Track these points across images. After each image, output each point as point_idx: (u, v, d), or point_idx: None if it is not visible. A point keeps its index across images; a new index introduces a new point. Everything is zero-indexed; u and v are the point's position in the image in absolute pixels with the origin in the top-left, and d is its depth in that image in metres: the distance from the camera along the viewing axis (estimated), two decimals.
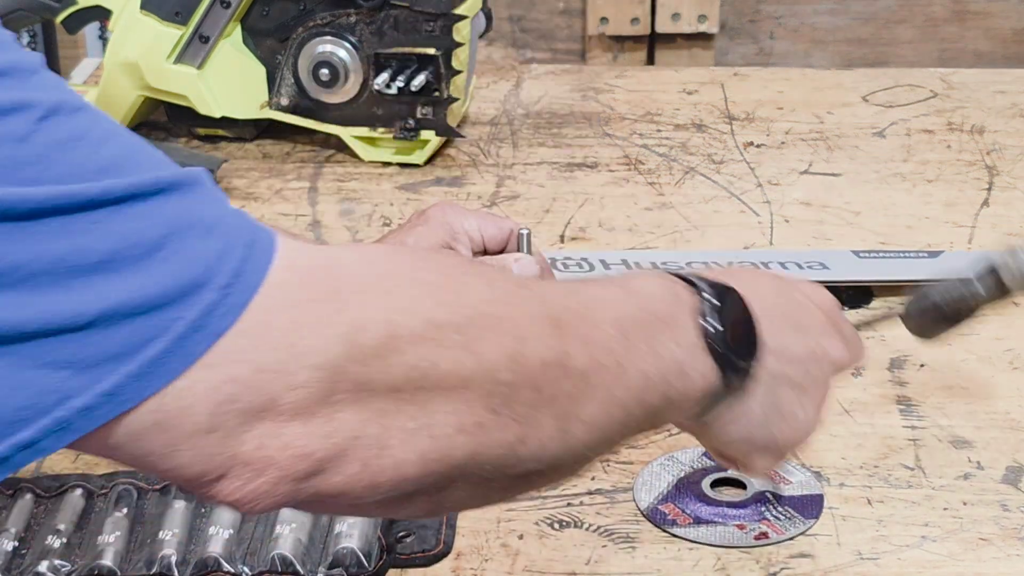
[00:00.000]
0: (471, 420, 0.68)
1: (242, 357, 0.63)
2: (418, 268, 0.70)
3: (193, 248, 0.63)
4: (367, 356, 0.65)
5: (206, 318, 0.62)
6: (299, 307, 0.64)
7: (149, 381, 0.62)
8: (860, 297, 1.27)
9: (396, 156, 1.55)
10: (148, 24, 1.53)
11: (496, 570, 0.94)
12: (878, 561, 0.95)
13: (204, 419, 0.63)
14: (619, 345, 0.74)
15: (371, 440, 0.66)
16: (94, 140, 0.63)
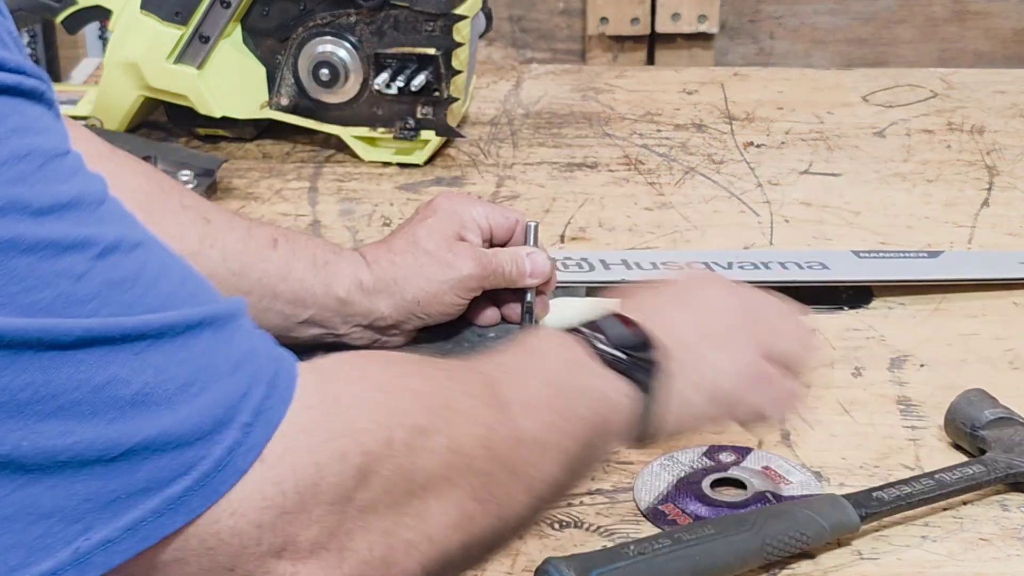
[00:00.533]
0: (461, 514, 0.72)
1: (267, 503, 0.64)
2: (402, 374, 0.73)
3: (220, 386, 0.64)
4: (373, 482, 0.67)
5: (229, 457, 0.63)
6: (320, 449, 0.66)
7: (171, 518, 0.63)
8: (860, 297, 1.27)
9: (396, 156, 1.55)
10: (148, 24, 1.53)
11: (496, 570, 0.94)
12: (878, 561, 0.95)
13: (227, 559, 0.64)
14: (555, 400, 0.79)
15: (379, 561, 0.68)
16: (148, 279, 0.64)
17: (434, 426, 0.71)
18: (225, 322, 0.66)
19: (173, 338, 0.63)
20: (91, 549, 0.62)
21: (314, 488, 0.65)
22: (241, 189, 1.49)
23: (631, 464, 1.05)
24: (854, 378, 1.15)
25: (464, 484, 0.72)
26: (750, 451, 1.05)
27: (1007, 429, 1.03)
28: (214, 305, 0.66)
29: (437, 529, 0.71)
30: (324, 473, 0.66)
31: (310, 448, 0.66)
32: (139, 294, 0.63)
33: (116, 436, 0.61)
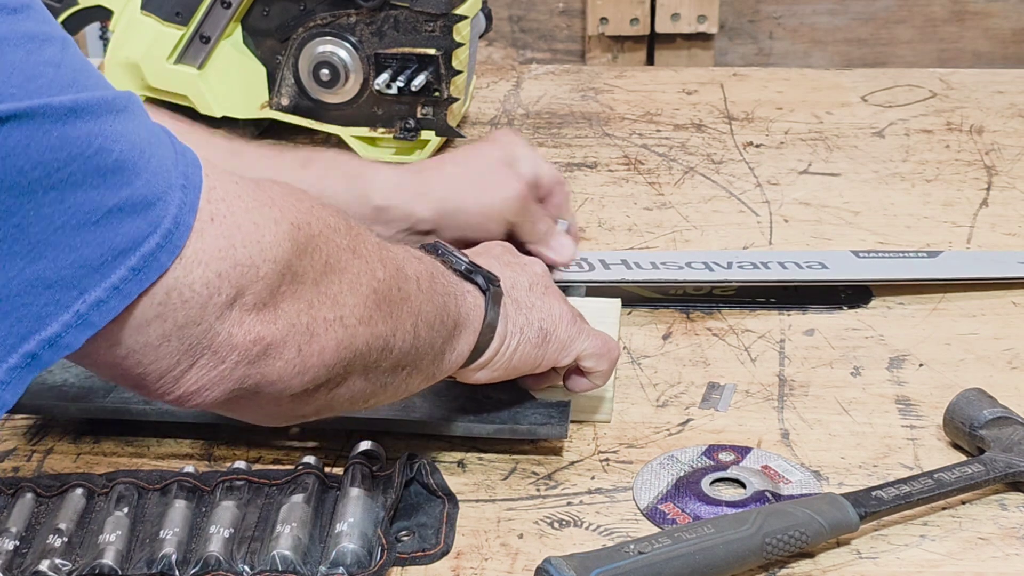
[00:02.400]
0: (366, 313, 0.82)
1: (224, 254, 0.73)
2: (308, 197, 0.82)
3: (160, 152, 0.72)
4: (301, 251, 0.77)
5: (180, 214, 0.71)
6: (254, 211, 0.75)
7: (146, 275, 0.70)
8: (859, 297, 1.27)
9: (396, 156, 1.55)
10: (149, 24, 1.54)
11: (496, 569, 0.95)
12: (877, 560, 0.95)
13: (196, 311, 0.73)
14: (423, 268, 0.90)
15: (304, 327, 0.78)
16: (91, 69, 0.71)
17: (340, 227, 0.82)
18: (137, 102, 0.73)
19: (123, 111, 0.71)
20: (88, 310, 0.69)
21: (258, 243, 0.75)
22: None
23: (631, 464, 1.05)
24: (853, 377, 1.15)
25: (368, 283, 0.83)
26: (750, 450, 1.06)
27: (1006, 428, 1.03)
28: (127, 92, 0.73)
29: (349, 316, 0.81)
30: (262, 231, 0.75)
31: (247, 209, 0.75)
32: (95, 79, 0.71)
33: (98, 199, 0.69)
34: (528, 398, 1.07)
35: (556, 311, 1.02)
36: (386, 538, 0.95)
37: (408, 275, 0.88)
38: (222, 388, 0.77)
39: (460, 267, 0.96)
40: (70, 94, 0.68)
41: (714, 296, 1.27)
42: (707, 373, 1.16)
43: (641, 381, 1.15)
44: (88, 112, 0.68)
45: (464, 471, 1.05)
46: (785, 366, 1.17)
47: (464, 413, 1.05)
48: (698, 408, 1.12)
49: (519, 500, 1.01)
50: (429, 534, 0.97)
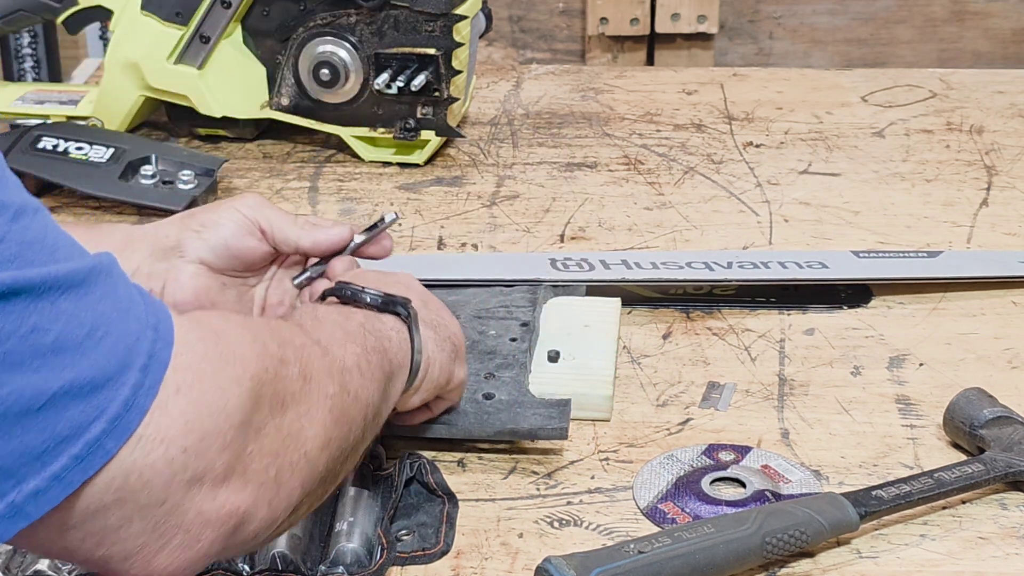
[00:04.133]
0: (326, 436, 0.80)
1: (189, 427, 0.70)
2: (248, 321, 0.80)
3: (118, 330, 0.68)
4: (261, 403, 0.74)
5: (134, 397, 0.68)
6: (218, 373, 0.72)
7: (90, 462, 0.67)
8: (859, 296, 1.27)
9: (396, 156, 1.55)
10: (149, 24, 1.54)
11: (496, 569, 0.95)
12: (877, 560, 0.95)
13: (159, 491, 0.69)
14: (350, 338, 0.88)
15: (272, 480, 0.75)
16: (50, 239, 0.68)
17: (288, 358, 0.78)
18: (108, 272, 0.71)
19: (77, 287, 0.68)
20: (23, 501, 0.66)
21: (223, 411, 0.71)
22: (242, 189, 1.50)
23: (631, 463, 1.05)
24: (853, 377, 1.15)
25: (323, 405, 0.80)
26: (749, 450, 1.06)
27: (1006, 428, 1.03)
28: (96, 257, 0.71)
29: (311, 449, 0.78)
30: (227, 395, 0.72)
31: (212, 374, 0.72)
32: (47, 252, 0.67)
33: (41, 384, 0.65)
34: (528, 397, 1.07)
35: (453, 324, 1.02)
36: (386, 538, 0.95)
37: (350, 367, 0.85)
38: (201, 564, 0.73)
39: (376, 302, 0.94)
40: (9, 271, 0.65)
41: (714, 296, 1.27)
42: (707, 373, 1.16)
43: (641, 380, 1.15)
44: (27, 291, 0.65)
45: (464, 471, 1.05)
46: (785, 366, 1.17)
47: (464, 415, 1.05)
48: (698, 408, 1.12)
49: (519, 499, 1.01)
50: (429, 534, 0.97)
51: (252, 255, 1.04)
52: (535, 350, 1.15)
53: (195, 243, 1.03)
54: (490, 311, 1.19)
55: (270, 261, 1.07)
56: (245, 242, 1.04)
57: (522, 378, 1.09)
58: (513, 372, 1.10)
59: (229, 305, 1.05)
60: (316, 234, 1.05)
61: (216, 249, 1.03)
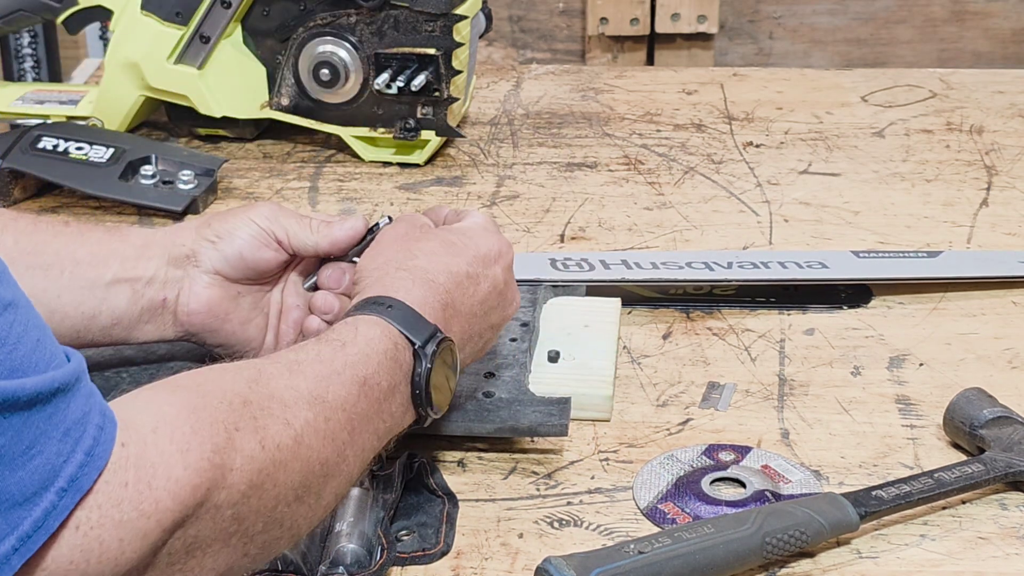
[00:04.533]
0: (227, 567, 0.78)
1: (73, 568, 0.70)
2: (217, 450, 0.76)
3: (50, 449, 0.69)
4: (161, 557, 0.74)
5: (44, 519, 0.69)
6: (128, 527, 0.71)
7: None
8: (859, 296, 1.27)
9: (396, 156, 1.55)
10: (149, 24, 1.54)
11: (496, 569, 0.95)
12: (877, 560, 0.95)
13: None
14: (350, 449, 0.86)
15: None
16: (14, 339, 0.68)
17: (229, 502, 0.76)
18: (70, 387, 0.71)
19: (33, 405, 0.68)
20: None
21: (114, 561, 0.71)
22: (242, 189, 1.50)
23: (631, 463, 1.05)
24: (853, 377, 1.15)
25: (239, 547, 0.78)
26: (750, 450, 1.06)
27: (1006, 428, 1.03)
28: (65, 369, 0.71)
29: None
30: (125, 549, 0.71)
31: (119, 524, 0.71)
32: (7, 352, 0.67)
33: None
34: (528, 396, 1.07)
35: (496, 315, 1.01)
36: (386, 538, 0.95)
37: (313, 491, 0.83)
38: None
39: (421, 403, 0.92)
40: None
41: (714, 296, 1.27)
42: (707, 373, 1.16)
43: (641, 381, 1.15)
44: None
45: (464, 471, 1.05)
46: (785, 366, 1.17)
47: (464, 413, 1.05)
48: (698, 408, 1.12)
49: (519, 500, 1.01)
50: (429, 534, 0.97)
51: (267, 266, 1.05)
52: (535, 350, 1.15)
53: (210, 253, 1.04)
54: None
55: (285, 267, 1.07)
56: (260, 254, 1.04)
57: (522, 378, 1.09)
58: (513, 372, 1.10)
59: (244, 312, 1.05)
60: (333, 233, 1.05)
61: (231, 260, 1.04)
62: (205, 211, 1.44)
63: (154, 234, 1.05)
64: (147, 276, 1.04)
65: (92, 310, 1.02)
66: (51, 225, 1.04)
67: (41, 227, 1.04)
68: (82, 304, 1.02)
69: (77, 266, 1.02)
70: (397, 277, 0.96)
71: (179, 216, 1.42)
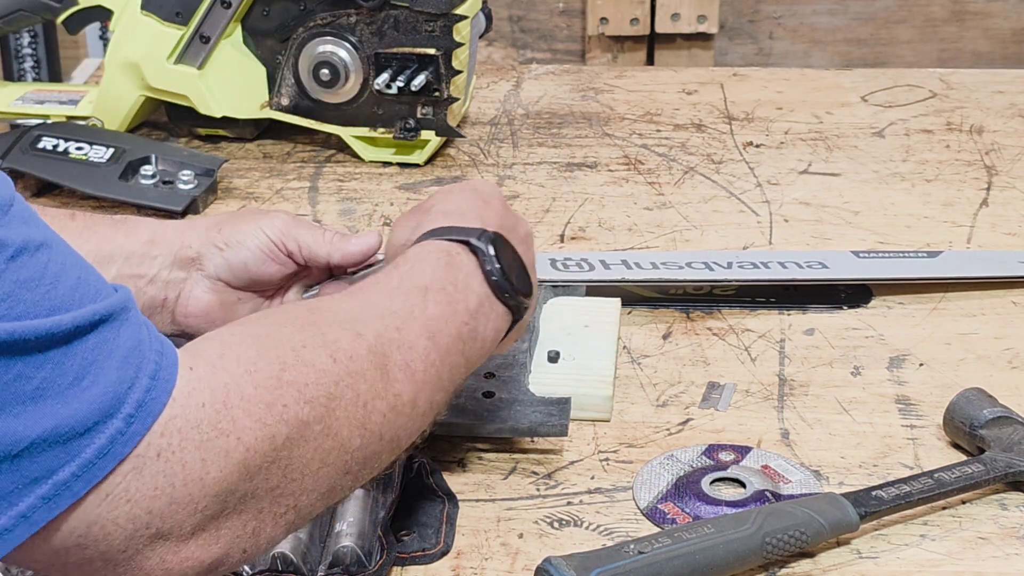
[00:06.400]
0: (330, 487, 0.79)
1: (158, 492, 0.70)
2: (287, 366, 0.77)
3: (107, 378, 0.69)
4: (253, 473, 0.73)
5: (111, 445, 0.69)
6: (206, 444, 0.71)
7: (57, 503, 0.68)
8: (859, 296, 1.27)
9: (396, 156, 1.55)
10: (149, 24, 1.54)
11: (496, 569, 0.95)
12: (877, 560, 0.95)
13: (120, 542, 0.70)
14: (434, 353, 0.85)
15: (249, 532, 0.75)
16: (50, 278, 0.69)
17: (314, 417, 0.76)
18: (115, 317, 0.71)
19: (69, 337, 0.68)
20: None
21: (200, 482, 0.71)
22: (242, 189, 1.50)
23: (631, 463, 1.05)
24: (853, 377, 1.15)
25: (338, 463, 0.78)
26: (750, 450, 1.06)
27: (1006, 428, 1.03)
28: (107, 301, 0.71)
29: (306, 503, 0.78)
30: (209, 468, 0.71)
31: (199, 444, 0.71)
32: (44, 292, 0.68)
33: (20, 430, 0.66)
34: (528, 396, 1.07)
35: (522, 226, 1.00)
36: (386, 538, 0.95)
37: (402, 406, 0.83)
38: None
39: (504, 290, 0.92)
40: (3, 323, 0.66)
41: (714, 296, 1.27)
42: (707, 373, 1.16)
43: (641, 381, 1.15)
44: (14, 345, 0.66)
45: (464, 471, 1.05)
46: (785, 366, 1.17)
47: (464, 413, 1.05)
48: (698, 408, 1.12)
49: (519, 500, 1.01)
50: (429, 534, 0.97)
51: (270, 278, 1.05)
52: (535, 350, 1.15)
53: (216, 259, 1.04)
54: None
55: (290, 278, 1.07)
56: (266, 267, 1.04)
57: (522, 378, 1.09)
58: (513, 372, 1.10)
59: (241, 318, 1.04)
60: (346, 247, 1.05)
61: (235, 270, 1.04)
62: (205, 211, 1.44)
63: (163, 230, 1.05)
64: (150, 274, 1.03)
65: None
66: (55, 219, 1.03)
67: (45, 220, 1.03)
68: None
69: None
70: (427, 221, 0.95)
71: (179, 216, 1.42)
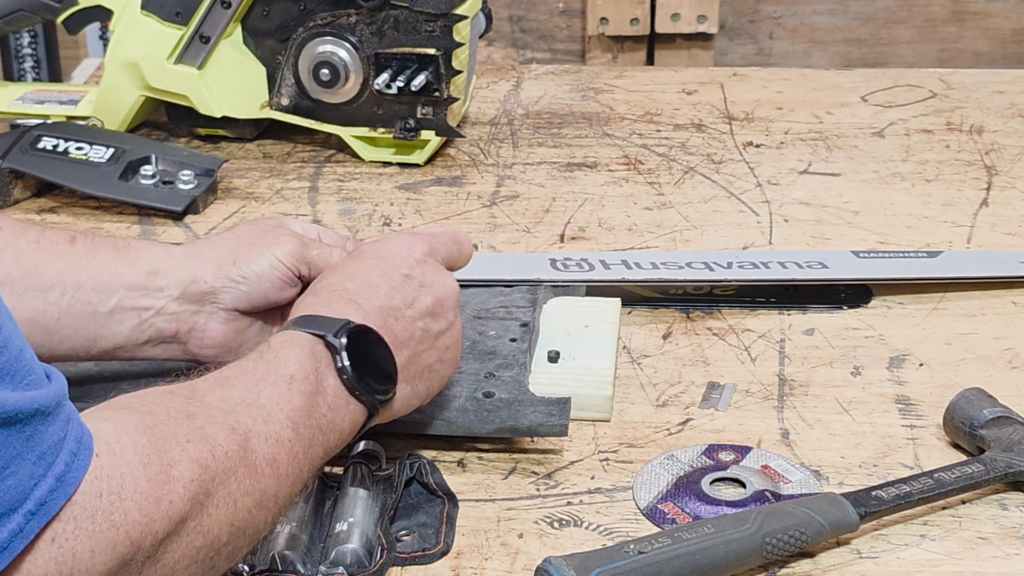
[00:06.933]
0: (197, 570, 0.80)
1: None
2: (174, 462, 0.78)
3: (23, 471, 0.70)
4: (132, 570, 0.76)
5: (10, 541, 0.70)
6: (100, 538, 0.73)
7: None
8: (859, 296, 1.27)
9: (396, 156, 1.55)
10: (149, 24, 1.54)
11: (496, 569, 0.95)
12: (877, 560, 0.95)
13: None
14: (297, 446, 0.87)
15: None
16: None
17: (191, 513, 0.78)
18: (49, 411, 0.72)
19: (12, 424, 0.69)
20: None
21: (85, 572, 0.73)
22: (242, 189, 1.50)
23: (630, 463, 1.05)
24: (853, 377, 1.15)
25: (205, 560, 0.80)
26: (750, 450, 1.06)
27: (1006, 428, 1.03)
28: (47, 391, 0.72)
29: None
30: (96, 560, 0.73)
31: (92, 534, 0.73)
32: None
33: None
34: (528, 396, 1.07)
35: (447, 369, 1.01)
36: (386, 538, 0.95)
37: (266, 499, 0.84)
38: None
39: (358, 389, 0.92)
40: None
41: (714, 296, 1.27)
42: (707, 373, 1.16)
43: (641, 381, 1.15)
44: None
45: (464, 471, 1.05)
46: (785, 366, 1.17)
47: (464, 413, 1.05)
48: (698, 408, 1.12)
49: (519, 500, 1.01)
50: (429, 534, 0.97)
51: (287, 301, 1.06)
52: (535, 350, 1.15)
53: (234, 293, 1.05)
54: (490, 311, 1.19)
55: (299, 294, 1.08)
56: (285, 294, 1.06)
57: (522, 378, 1.09)
58: (513, 372, 1.10)
59: (254, 338, 1.06)
60: None
61: (255, 301, 1.05)
62: (205, 211, 1.44)
63: (167, 260, 1.05)
64: (156, 307, 1.04)
65: (93, 334, 1.02)
66: (55, 244, 1.03)
67: (44, 246, 1.02)
68: (82, 328, 1.02)
69: (79, 290, 1.02)
70: (303, 304, 0.97)
71: (179, 216, 1.42)
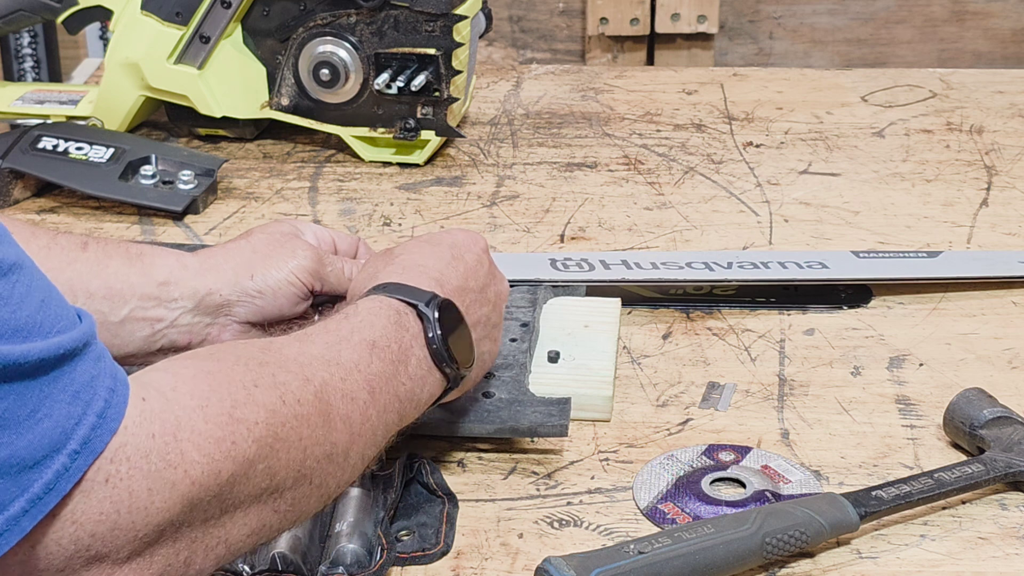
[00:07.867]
0: (260, 525, 0.80)
1: (103, 518, 0.71)
2: (238, 404, 0.78)
3: (60, 413, 0.70)
4: (193, 506, 0.75)
5: (56, 481, 0.69)
6: (154, 475, 0.73)
7: (6, 539, 0.68)
8: (859, 296, 1.27)
9: (396, 156, 1.55)
10: (149, 24, 1.54)
11: (496, 569, 0.95)
12: (877, 560, 0.95)
13: (60, 561, 0.71)
14: (372, 408, 0.87)
15: (182, 561, 0.76)
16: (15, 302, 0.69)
17: (259, 456, 0.78)
18: (76, 352, 0.71)
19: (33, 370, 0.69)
20: None
21: (144, 511, 0.72)
22: (242, 189, 1.50)
23: (631, 463, 1.05)
24: (853, 377, 1.15)
25: (270, 503, 0.80)
26: (749, 450, 1.06)
27: (1006, 428, 1.03)
28: (72, 334, 0.71)
29: (236, 538, 0.79)
30: (154, 499, 0.73)
31: (147, 474, 0.72)
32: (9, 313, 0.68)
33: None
34: (528, 396, 1.07)
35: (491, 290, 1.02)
36: (386, 538, 0.95)
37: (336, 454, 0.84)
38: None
39: (443, 361, 0.93)
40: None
41: (714, 296, 1.27)
42: (707, 373, 1.16)
43: (641, 381, 1.15)
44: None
45: (464, 471, 1.05)
46: (785, 366, 1.17)
47: (464, 413, 1.05)
48: (698, 408, 1.12)
49: (519, 500, 1.01)
50: (429, 534, 0.97)
51: (301, 314, 1.07)
52: (535, 350, 1.15)
53: (249, 307, 1.05)
54: None
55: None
56: (298, 308, 1.07)
57: (522, 378, 1.09)
58: (513, 372, 1.10)
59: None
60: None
61: (268, 315, 1.06)
62: (205, 211, 1.44)
63: (181, 270, 1.05)
64: (170, 319, 1.04)
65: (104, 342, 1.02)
66: (66, 251, 1.03)
67: (55, 252, 1.02)
68: None
69: (90, 299, 1.02)
70: (385, 272, 0.97)
71: (179, 216, 1.42)
